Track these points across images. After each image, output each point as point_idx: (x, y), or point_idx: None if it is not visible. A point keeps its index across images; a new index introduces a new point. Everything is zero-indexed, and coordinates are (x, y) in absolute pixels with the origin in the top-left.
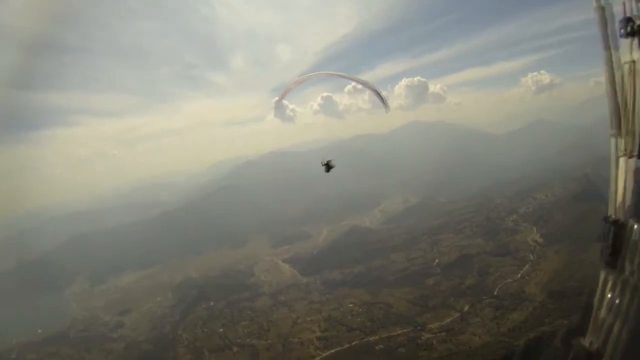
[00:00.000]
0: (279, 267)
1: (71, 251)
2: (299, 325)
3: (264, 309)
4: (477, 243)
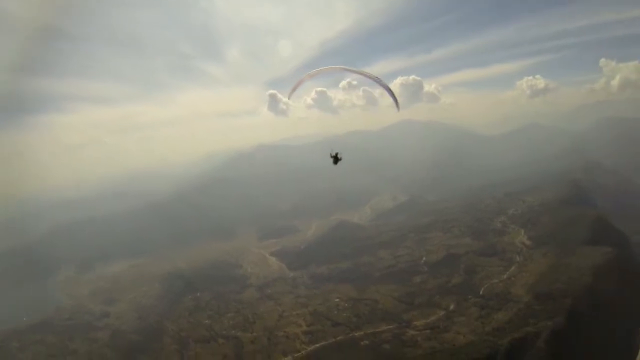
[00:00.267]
0: (266, 260)
1: (60, 238)
2: (284, 318)
3: (250, 302)
4: (464, 242)
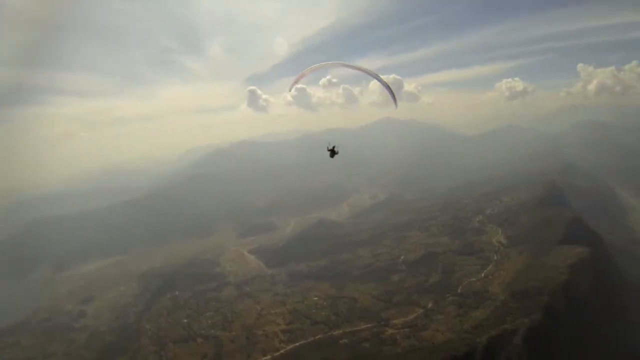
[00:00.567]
0: (245, 258)
1: (34, 236)
2: (263, 317)
3: (229, 300)
4: (443, 241)
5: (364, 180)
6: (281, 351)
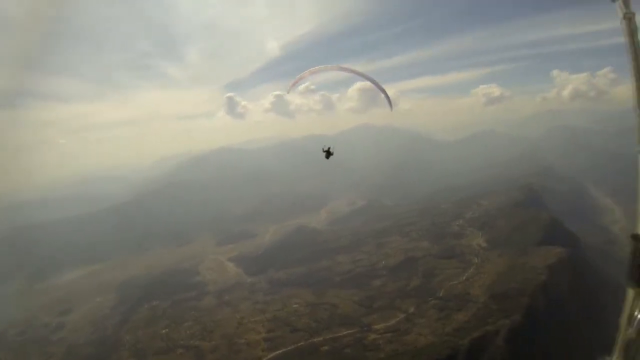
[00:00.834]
0: (224, 266)
1: (8, 246)
2: (244, 325)
3: (208, 309)
4: (422, 246)
5: (342, 186)
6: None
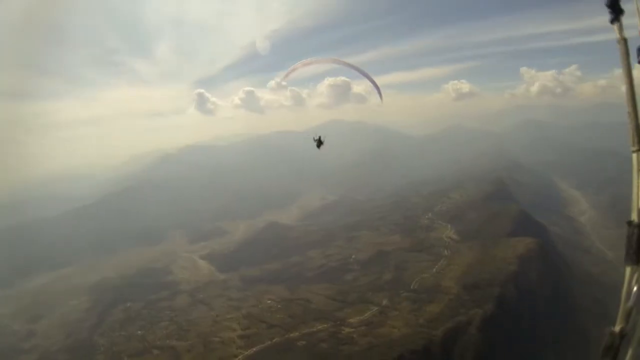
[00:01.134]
0: (196, 264)
1: None
2: (219, 323)
3: (182, 308)
4: (393, 240)
5: (313, 182)
6: (239, 357)
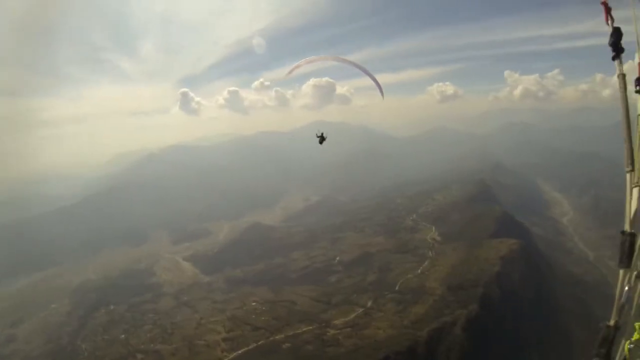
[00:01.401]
0: (180, 266)
1: None
2: (203, 326)
3: (166, 311)
4: (377, 241)
5: (297, 182)
6: None
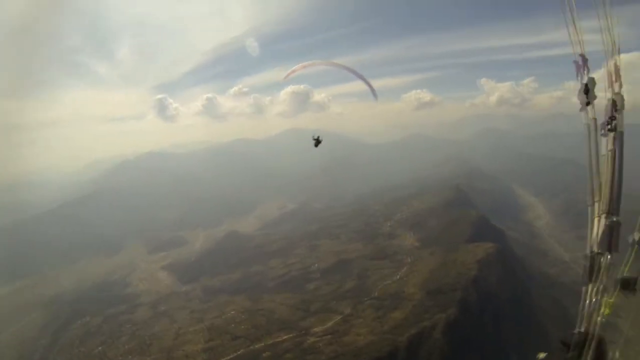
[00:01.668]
0: (156, 275)
1: None
2: (182, 336)
3: (144, 322)
4: (355, 248)
5: (272, 190)
6: None
